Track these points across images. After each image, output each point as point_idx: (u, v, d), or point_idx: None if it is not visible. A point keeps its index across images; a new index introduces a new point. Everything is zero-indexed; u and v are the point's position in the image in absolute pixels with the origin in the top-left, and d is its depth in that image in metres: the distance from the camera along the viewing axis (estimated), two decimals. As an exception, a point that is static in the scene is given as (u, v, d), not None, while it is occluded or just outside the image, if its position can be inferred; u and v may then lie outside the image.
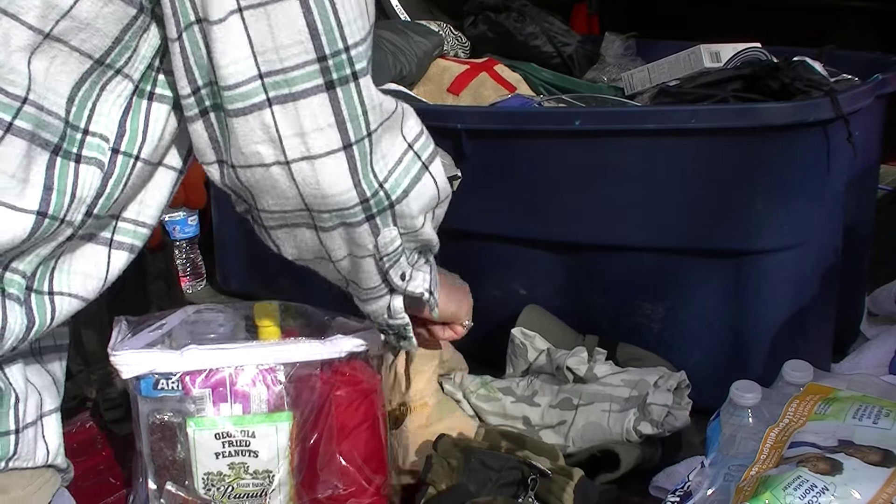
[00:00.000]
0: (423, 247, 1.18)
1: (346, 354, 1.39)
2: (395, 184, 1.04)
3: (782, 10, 2.96)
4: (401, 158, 1.05)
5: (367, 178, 1.02)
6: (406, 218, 1.08)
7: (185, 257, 2.26)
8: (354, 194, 1.01)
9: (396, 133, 1.05)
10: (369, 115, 1.00)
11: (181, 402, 1.33)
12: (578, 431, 1.53)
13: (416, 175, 1.07)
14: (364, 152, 1.00)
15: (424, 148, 1.09)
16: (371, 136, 1.01)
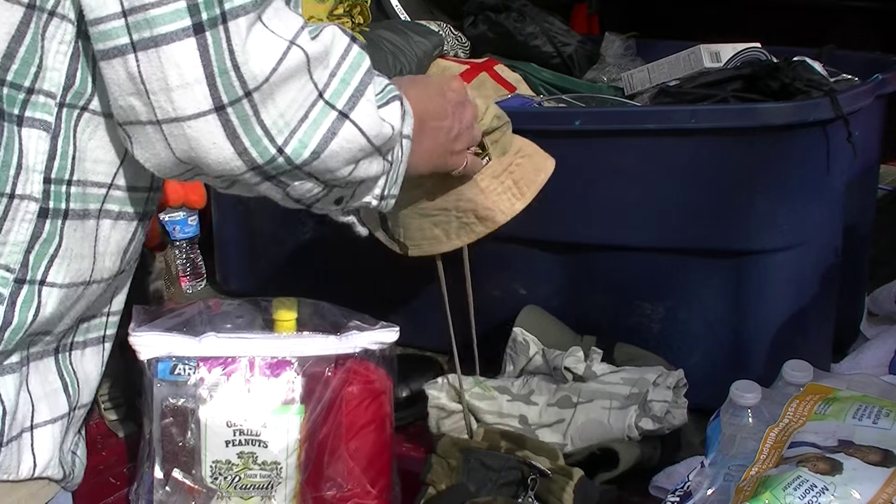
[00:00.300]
0: (360, 185, 1.01)
1: (361, 351, 1.40)
2: (300, 145, 0.89)
3: (782, 10, 2.97)
4: (307, 113, 0.89)
5: (258, 145, 0.87)
6: (324, 173, 0.94)
7: (185, 257, 2.26)
8: (240, 163, 0.88)
9: (301, 83, 0.88)
10: (243, 69, 0.84)
11: (196, 387, 1.35)
12: (578, 429, 1.53)
13: (331, 129, 0.90)
14: (244, 115, 0.85)
15: (340, 92, 0.91)
16: (251, 95, 0.85)
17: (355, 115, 0.92)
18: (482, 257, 1.81)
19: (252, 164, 0.88)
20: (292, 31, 0.87)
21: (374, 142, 0.95)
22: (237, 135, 0.86)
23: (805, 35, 2.12)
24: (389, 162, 1.01)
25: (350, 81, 0.92)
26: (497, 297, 1.82)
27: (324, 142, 0.90)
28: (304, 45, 0.87)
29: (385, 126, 0.96)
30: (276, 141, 0.87)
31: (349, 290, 1.98)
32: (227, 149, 0.86)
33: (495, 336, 1.77)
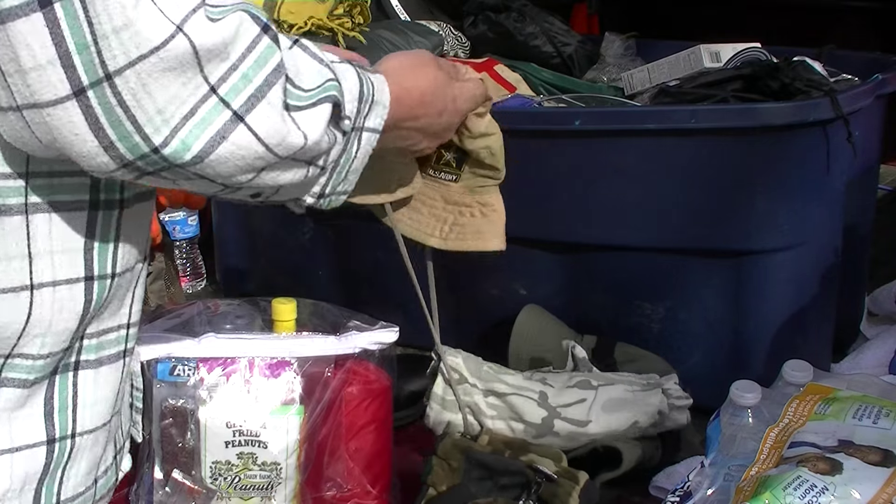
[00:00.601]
0: (280, 188, 0.88)
1: (360, 352, 1.40)
2: (182, 146, 0.76)
3: (782, 10, 2.97)
4: (194, 109, 0.76)
5: (127, 140, 0.75)
6: (215, 178, 0.81)
7: (185, 257, 2.26)
8: (107, 158, 0.76)
9: (186, 77, 0.75)
10: (102, 45, 0.72)
11: (195, 388, 1.35)
12: (602, 406, 1.50)
13: (221, 131, 0.77)
14: (107, 103, 0.73)
15: (238, 89, 0.77)
16: (113, 79, 0.73)
17: (252, 118, 0.78)
18: (482, 257, 1.81)
19: (122, 161, 0.76)
20: (182, 11, 0.74)
21: (276, 151, 0.81)
22: (100, 125, 0.74)
23: (805, 35, 2.12)
24: (321, 167, 0.90)
25: (252, 79, 0.78)
26: (497, 297, 1.82)
27: (210, 145, 0.77)
28: (193, 32, 0.74)
29: (295, 135, 0.82)
30: (152, 139, 0.75)
31: (349, 290, 1.98)
32: (91, 141, 0.75)
33: (495, 336, 1.77)
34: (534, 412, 1.49)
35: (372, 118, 0.94)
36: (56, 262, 0.85)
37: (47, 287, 0.85)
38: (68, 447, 0.91)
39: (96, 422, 0.93)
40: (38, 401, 0.88)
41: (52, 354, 0.87)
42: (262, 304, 1.49)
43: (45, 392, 0.89)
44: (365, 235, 1.91)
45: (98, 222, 0.88)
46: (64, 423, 0.90)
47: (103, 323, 0.92)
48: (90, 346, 0.92)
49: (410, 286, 1.91)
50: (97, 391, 0.93)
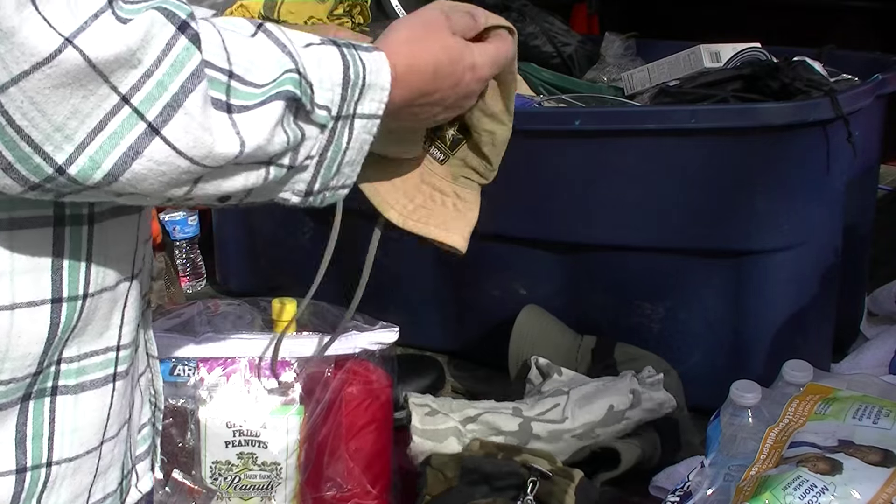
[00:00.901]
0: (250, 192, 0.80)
1: (360, 352, 1.40)
2: (91, 164, 0.68)
3: (782, 10, 2.97)
4: (102, 124, 0.67)
5: (26, 162, 0.67)
6: (141, 196, 0.74)
7: (185, 257, 2.26)
8: (10, 181, 0.69)
9: (87, 90, 0.67)
10: None
11: (195, 388, 1.35)
12: (576, 402, 1.52)
13: (134, 146, 0.69)
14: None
15: (154, 98, 0.69)
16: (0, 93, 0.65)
17: (169, 130, 0.69)
18: (482, 257, 1.82)
19: (27, 183, 0.68)
20: (77, 20, 0.66)
21: (204, 163, 0.72)
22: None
23: (805, 35, 2.12)
24: (289, 166, 0.81)
25: (167, 86, 0.69)
26: (497, 297, 1.82)
27: (123, 161, 0.69)
28: (87, 44, 0.66)
29: (226, 143, 0.72)
30: (54, 158, 0.67)
31: (349, 290, 1.98)
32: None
33: (495, 336, 1.77)
34: (509, 422, 1.49)
35: (366, 103, 0.85)
36: (16, 283, 0.78)
37: (4, 310, 0.78)
38: (42, 476, 0.84)
39: (78, 449, 0.86)
40: (8, 428, 0.81)
41: (15, 380, 0.80)
42: (262, 304, 1.49)
43: (17, 419, 0.82)
44: (365, 235, 1.91)
45: (65, 239, 0.80)
46: (38, 451, 0.83)
47: (85, 346, 0.85)
48: (69, 371, 0.85)
49: (410, 286, 1.92)
50: (78, 418, 0.86)
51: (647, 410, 1.52)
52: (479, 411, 1.52)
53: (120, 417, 0.91)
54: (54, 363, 0.83)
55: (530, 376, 1.64)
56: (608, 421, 1.50)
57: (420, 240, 1.15)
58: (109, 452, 0.90)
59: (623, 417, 1.51)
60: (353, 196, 1.43)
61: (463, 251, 1.17)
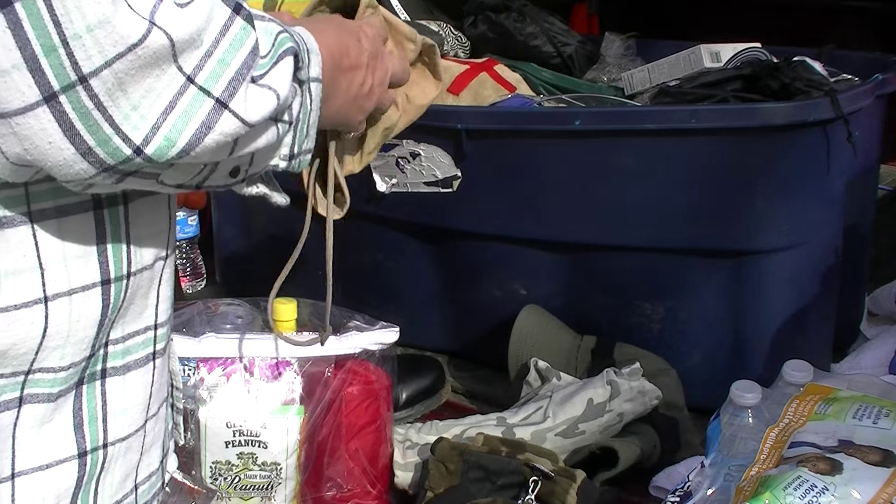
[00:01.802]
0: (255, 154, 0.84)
1: (360, 352, 1.40)
2: (167, 143, 0.71)
3: (782, 10, 2.96)
4: (174, 102, 0.71)
5: (106, 144, 0.70)
6: (196, 165, 0.78)
7: (185, 257, 2.26)
8: (86, 165, 0.71)
9: (160, 70, 0.70)
10: (74, 45, 0.67)
11: (195, 388, 1.35)
12: (556, 403, 1.53)
13: (206, 122, 0.72)
14: (82, 107, 0.68)
15: (217, 76, 0.73)
16: (88, 81, 0.68)
17: (235, 103, 0.74)
18: (482, 257, 1.82)
19: (102, 166, 0.71)
20: (150, 3, 0.69)
21: (253, 123, 0.77)
22: (76, 131, 0.69)
23: (805, 35, 2.12)
24: (289, 122, 0.84)
25: (230, 63, 0.73)
26: (497, 297, 1.82)
27: (196, 137, 0.72)
28: (167, 24, 0.69)
29: (268, 99, 0.78)
30: (133, 139, 0.70)
31: (349, 290, 1.98)
32: (67, 149, 0.70)
33: (495, 336, 1.77)
34: (493, 433, 1.49)
35: (313, 67, 0.87)
36: (70, 268, 0.81)
37: (63, 297, 0.81)
38: (101, 458, 0.88)
39: (129, 429, 0.90)
40: (65, 414, 0.84)
41: (74, 365, 0.83)
42: (262, 304, 1.49)
43: (73, 404, 0.85)
44: (365, 235, 1.91)
45: (106, 221, 0.83)
46: (94, 433, 0.86)
47: (128, 327, 0.88)
48: (116, 353, 0.88)
49: (410, 286, 1.92)
50: (127, 398, 0.89)
51: (630, 401, 1.52)
52: (464, 427, 1.53)
53: (160, 395, 0.94)
54: (103, 346, 0.86)
55: (528, 379, 1.64)
56: (589, 415, 1.50)
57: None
58: (152, 430, 0.93)
59: (605, 410, 1.51)
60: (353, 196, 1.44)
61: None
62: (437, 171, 1.75)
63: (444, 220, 1.80)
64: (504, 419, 1.54)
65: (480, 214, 1.76)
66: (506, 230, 1.77)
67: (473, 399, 1.81)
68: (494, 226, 1.77)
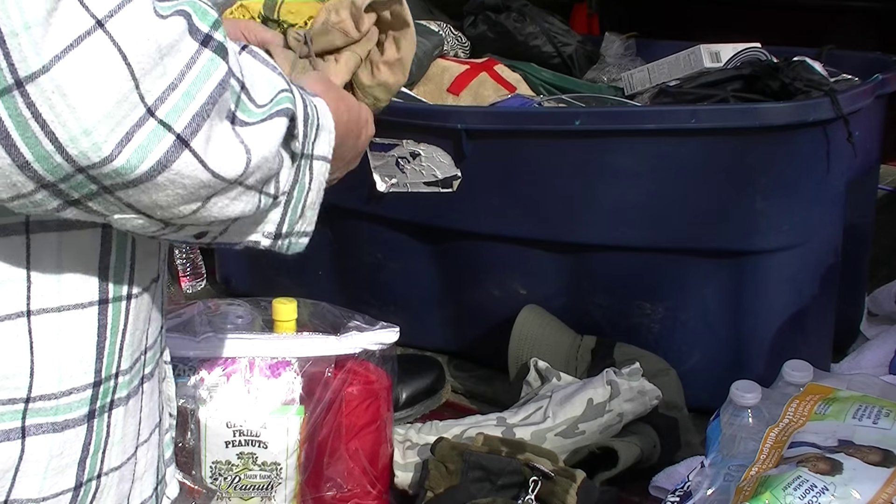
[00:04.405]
0: (232, 223, 0.76)
1: (360, 352, 1.40)
2: (122, 171, 0.63)
3: (782, 10, 2.97)
4: (131, 133, 0.63)
5: (46, 161, 0.62)
6: (152, 209, 0.68)
7: (185, 257, 2.26)
8: (23, 178, 0.63)
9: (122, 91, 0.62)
10: (10, 44, 0.59)
11: (196, 388, 1.35)
12: (556, 403, 1.53)
13: (164, 158, 0.64)
14: (18, 115, 0.61)
15: (181, 109, 0.65)
16: (24, 86, 0.60)
17: (197, 142, 0.65)
18: (482, 257, 1.82)
19: (40, 181, 0.63)
20: (112, 3, 0.61)
21: (225, 176, 0.68)
22: (11, 140, 0.61)
23: (805, 35, 2.12)
24: (273, 196, 0.77)
25: (195, 95, 0.65)
26: (497, 297, 1.82)
27: (150, 173, 0.64)
28: (122, 34, 0.61)
29: (238, 155, 0.69)
30: (79, 161, 0.62)
31: (349, 290, 1.98)
32: (3, 158, 0.62)
33: (495, 336, 1.77)
34: (493, 433, 1.49)
35: (320, 144, 0.81)
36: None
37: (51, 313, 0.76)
38: (93, 488, 0.83)
39: (121, 458, 0.85)
40: (74, 448, 0.79)
41: (75, 390, 0.77)
42: (263, 304, 1.49)
43: (84, 438, 0.80)
44: (365, 235, 1.91)
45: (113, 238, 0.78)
46: (93, 465, 0.81)
47: (135, 355, 0.84)
48: (123, 383, 0.83)
49: (410, 286, 1.92)
50: (125, 427, 0.84)
51: (630, 401, 1.52)
52: (465, 427, 1.53)
53: (150, 421, 0.89)
54: (113, 377, 0.81)
55: (528, 379, 1.64)
56: (589, 415, 1.50)
57: None
58: (144, 457, 0.89)
59: (605, 410, 1.51)
60: (353, 196, 1.46)
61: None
62: (437, 171, 1.75)
63: (444, 220, 1.80)
64: (504, 419, 1.54)
65: (480, 214, 1.76)
66: (506, 230, 1.77)
67: (473, 399, 1.81)
68: (494, 226, 1.77)
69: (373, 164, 1.80)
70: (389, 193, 1.80)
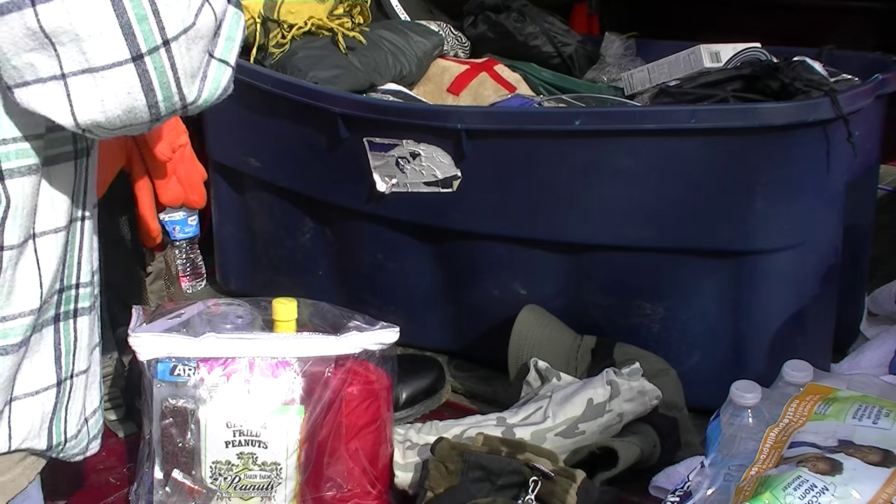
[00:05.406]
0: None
1: (360, 352, 1.40)
2: (203, 102, 0.89)
3: (782, 10, 2.97)
4: (206, 71, 0.88)
5: (169, 100, 0.85)
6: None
7: (185, 257, 2.25)
8: (147, 115, 0.85)
9: (206, 41, 0.87)
10: (164, 15, 0.82)
11: (196, 388, 1.35)
12: (556, 403, 1.53)
13: (226, 82, 0.91)
14: (161, 67, 0.83)
15: (229, 49, 0.91)
16: (170, 45, 0.83)
17: (234, 62, 0.92)
18: (482, 257, 1.82)
19: (156, 117, 0.86)
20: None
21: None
22: (152, 87, 0.83)
23: (805, 35, 2.12)
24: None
25: (235, 38, 0.91)
26: (497, 297, 1.82)
27: (216, 93, 0.89)
28: (213, 3, 0.86)
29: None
30: (186, 97, 0.86)
31: (349, 290, 1.98)
32: (140, 100, 0.83)
33: (495, 336, 1.77)
34: (493, 433, 1.49)
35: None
36: (73, 204, 0.96)
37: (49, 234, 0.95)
38: (68, 387, 1.00)
39: (84, 364, 1.02)
40: (48, 346, 0.97)
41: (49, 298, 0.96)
42: (263, 304, 1.49)
43: (54, 338, 0.98)
44: (365, 235, 1.91)
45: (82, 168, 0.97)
46: (67, 366, 0.99)
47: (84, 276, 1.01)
48: (84, 294, 1.01)
49: (410, 286, 1.92)
50: (91, 336, 1.03)
51: (630, 401, 1.52)
52: (465, 427, 1.53)
53: (92, 342, 1.05)
54: (74, 286, 1.00)
55: (528, 379, 1.64)
56: (589, 415, 1.50)
57: None
58: (92, 374, 1.05)
59: (605, 410, 1.51)
60: (353, 196, 1.46)
61: None
62: (437, 171, 1.75)
63: (444, 220, 1.80)
64: (504, 419, 1.54)
65: (480, 214, 1.76)
66: (506, 230, 1.77)
67: (473, 399, 1.81)
68: (494, 226, 1.77)
69: (373, 164, 1.80)
70: (389, 193, 1.80)
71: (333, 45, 2.00)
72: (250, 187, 2.07)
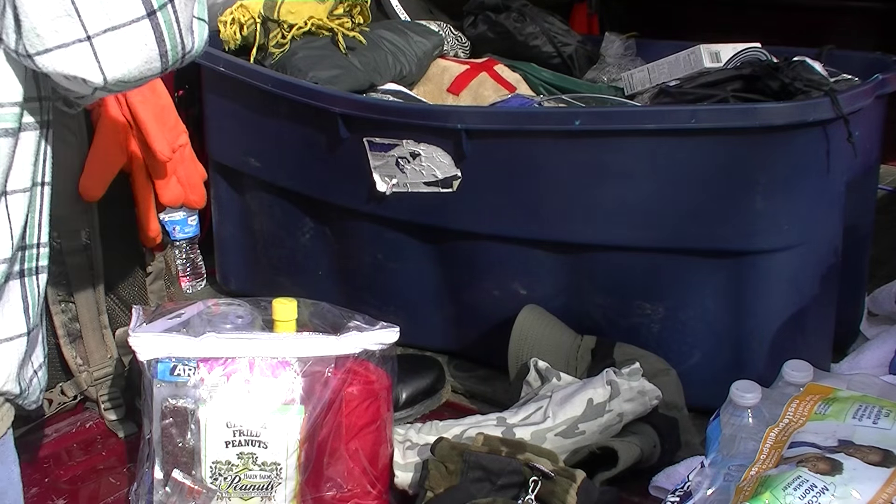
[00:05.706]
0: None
1: (360, 352, 1.40)
2: (195, 52, 1.01)
3: (782, 10, 2.97)
4: (192, 26, 1.00)
5: (175, 50, 0.97)
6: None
7: (185, 257, 2.26)
8: (159, 65, 0.97)
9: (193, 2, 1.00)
10: None
11: (196, 388, 1.35)
12: (556, 403, 1.53)
13: (204, 34, 1.03)
14: (169, 20, 0.95)
15: (203, 6, 1.04)
16: (173, 1, 0.95)
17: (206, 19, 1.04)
18: (482, 257, 1.82)
19: (165, 66, 0.97)
20: None
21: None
22: (163, 39, 0.95)
23: (805, 35, 2.12)
24: None
25: (203, 0, 1.03)
26: (497, 297, 1.82)
27: (201, 45, 1.01)
28: None
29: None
30: (186, 47, 0.98)
31: (349, 290, 1.98)
32: (154, 51, 0.95)
33: (495, 336, 1.77)
34: (493, 433, 1.49)
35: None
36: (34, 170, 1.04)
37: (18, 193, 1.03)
38: (31, 339, 1.07)
39: (38, 320, 1.09)
40: (16, 297, 1.05)
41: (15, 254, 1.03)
42: (263, 304, 1.49)
43: (20, 291, 1.05)
44: (365, 235, 1.91)
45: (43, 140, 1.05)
46: (35, 317, 1.07)
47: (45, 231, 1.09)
48: (44, 254, 1.08)
49: (410, 286, 1.92)
50: (42, 294, 1.10)
51: (630, 401, 1.52)
52: (465, 427, 1.53)
53: (41, 301, 1.11)
54: (35, 245, 1.08)
55: (528, 379, 1.64)
56: (589, 415, 1.50)
57: None
58: (41, 330, 1.11)
59: (605, 410, 1.51)
60: (353, 196, 1.46)
61: None
62: (437, 171, 1.75)
63: (444, 220, 1.80)
64: (504, 419, 1.54)
65: (480, 214, 1.76)
66: (506, 230, 1.77)
67: (473, 399, 1.81)
68: (494, 226, 1.77)
69: (373, 164, 1.80)
70: (390, 193, 1.80)
71: (333, 45, 2.00)
72: (250, 187, 2.07)
